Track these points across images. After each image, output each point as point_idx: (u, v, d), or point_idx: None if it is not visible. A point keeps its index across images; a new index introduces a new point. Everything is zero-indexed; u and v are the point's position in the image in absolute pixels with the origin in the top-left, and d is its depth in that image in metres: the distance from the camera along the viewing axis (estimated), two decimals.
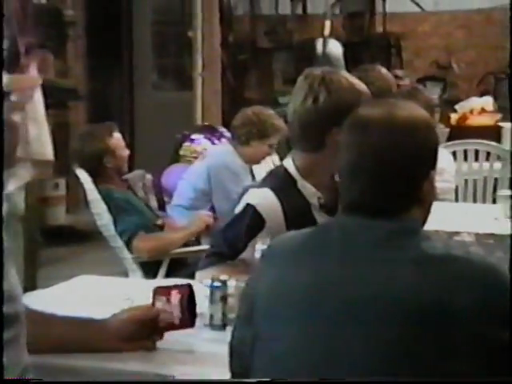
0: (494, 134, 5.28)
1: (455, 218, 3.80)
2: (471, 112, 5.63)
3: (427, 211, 1.60)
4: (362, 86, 2.35)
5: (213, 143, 5.26)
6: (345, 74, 2.37)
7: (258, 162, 4.23)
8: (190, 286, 1.97)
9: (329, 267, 1.48)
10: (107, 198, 3.63)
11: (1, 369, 1.33)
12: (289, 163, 2.41)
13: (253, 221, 2.32)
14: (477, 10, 7.55)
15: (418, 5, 7.64)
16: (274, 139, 4.16)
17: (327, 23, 7.50)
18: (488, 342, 1.39)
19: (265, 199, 2.35)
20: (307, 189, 2.38)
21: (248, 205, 2.35)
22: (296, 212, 2.33)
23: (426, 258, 1.46)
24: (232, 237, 2.37)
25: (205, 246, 2.88)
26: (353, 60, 6.87)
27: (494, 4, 7.40)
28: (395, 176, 1.51)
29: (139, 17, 8.14)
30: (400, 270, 1.44)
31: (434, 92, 7.66)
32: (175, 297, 1.93)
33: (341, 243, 1.50)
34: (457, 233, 3.45)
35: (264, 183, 2.45)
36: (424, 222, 1.59)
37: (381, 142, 1.50)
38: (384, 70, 3.79)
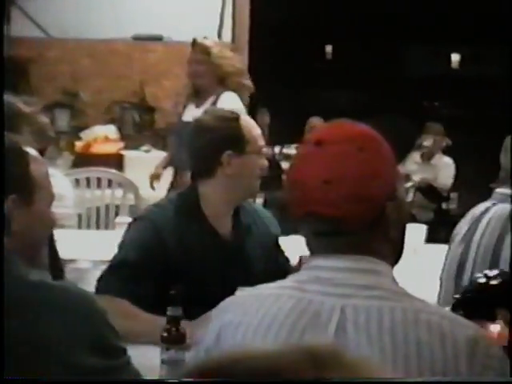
0: (116, 161, 5.45)
1: (75, 245, 3.84)
2: (95, 140, 5.74)
3: None
4: None
5: None
6: None
7: None
8: None
9: None
10: None
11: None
12: None
13: None
14: (102, 40, 7.72)
15: (43, 30, 7.61)
16: None
17: None
18: (81, 370, 1.42)
19: None
20: None
21: None
22: None
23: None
24: None
25: None
26: None
27: (118, 35, 7.63)
28: None
29: None
30: None
31: (62, 119, 7.65)
32: None
33: None
34: (73, 260, 3.49)
35: None
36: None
37: None
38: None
